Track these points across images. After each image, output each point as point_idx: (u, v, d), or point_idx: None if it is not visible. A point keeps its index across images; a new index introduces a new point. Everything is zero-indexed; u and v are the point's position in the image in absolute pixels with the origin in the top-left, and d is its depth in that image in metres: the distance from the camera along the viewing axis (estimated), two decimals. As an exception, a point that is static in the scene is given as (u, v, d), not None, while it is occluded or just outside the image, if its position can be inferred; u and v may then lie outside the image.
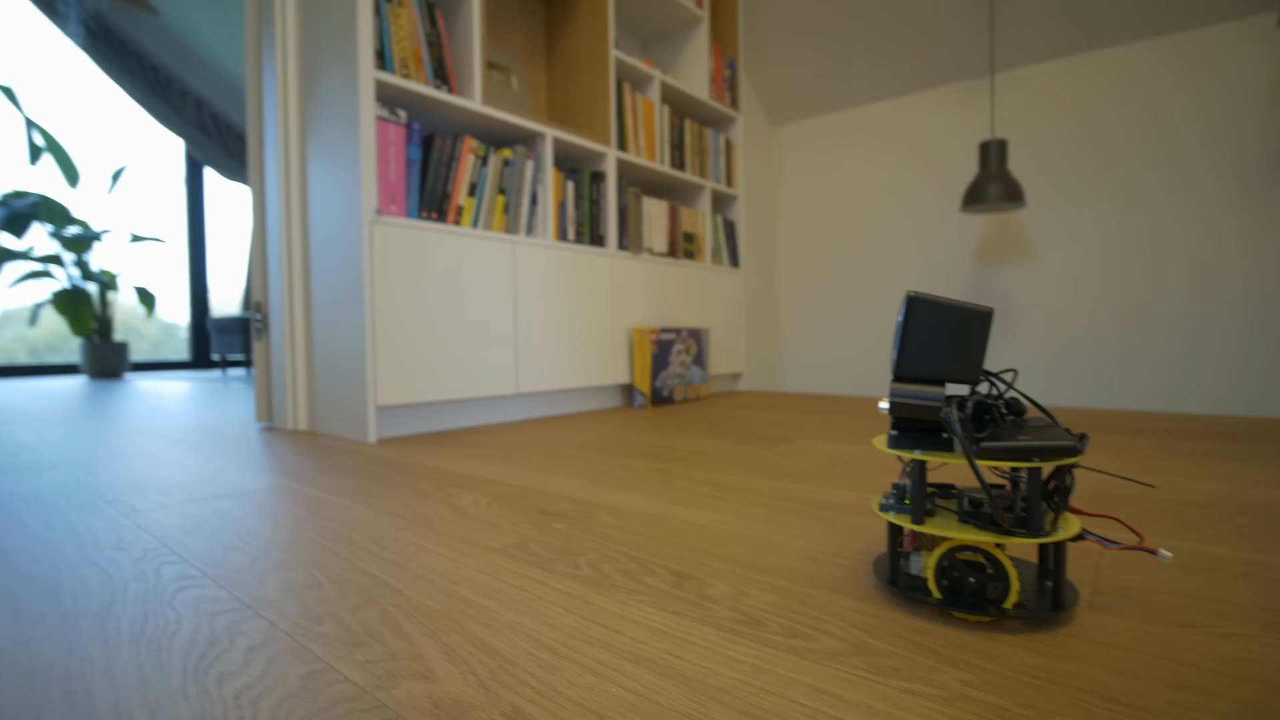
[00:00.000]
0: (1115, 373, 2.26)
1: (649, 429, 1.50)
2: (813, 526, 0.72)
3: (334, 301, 1.43)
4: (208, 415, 1.86)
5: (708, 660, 0.43)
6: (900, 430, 0.52)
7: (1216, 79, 2.06)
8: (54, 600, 0.54)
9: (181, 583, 0.58)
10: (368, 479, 0.99)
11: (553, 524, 0.74)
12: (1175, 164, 2.14)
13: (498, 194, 1.63)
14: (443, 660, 0.43)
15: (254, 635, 0.47)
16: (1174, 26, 2.12)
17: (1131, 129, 2.21)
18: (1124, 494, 0.86)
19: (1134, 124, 2.21)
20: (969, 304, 0.48)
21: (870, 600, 0.52)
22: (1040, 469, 0.46)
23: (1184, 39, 2.11)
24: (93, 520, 0.78)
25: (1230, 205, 2.05)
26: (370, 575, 0.59)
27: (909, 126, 2.68)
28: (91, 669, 0.43)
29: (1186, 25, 2.10)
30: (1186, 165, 2.12)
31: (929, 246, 2.65)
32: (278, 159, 1.52)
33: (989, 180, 2.16)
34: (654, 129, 2.13)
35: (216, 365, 4.87)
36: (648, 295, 2.08)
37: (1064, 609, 0.47)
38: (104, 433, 1.54)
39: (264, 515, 0.79)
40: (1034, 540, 0.46)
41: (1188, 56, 2.10)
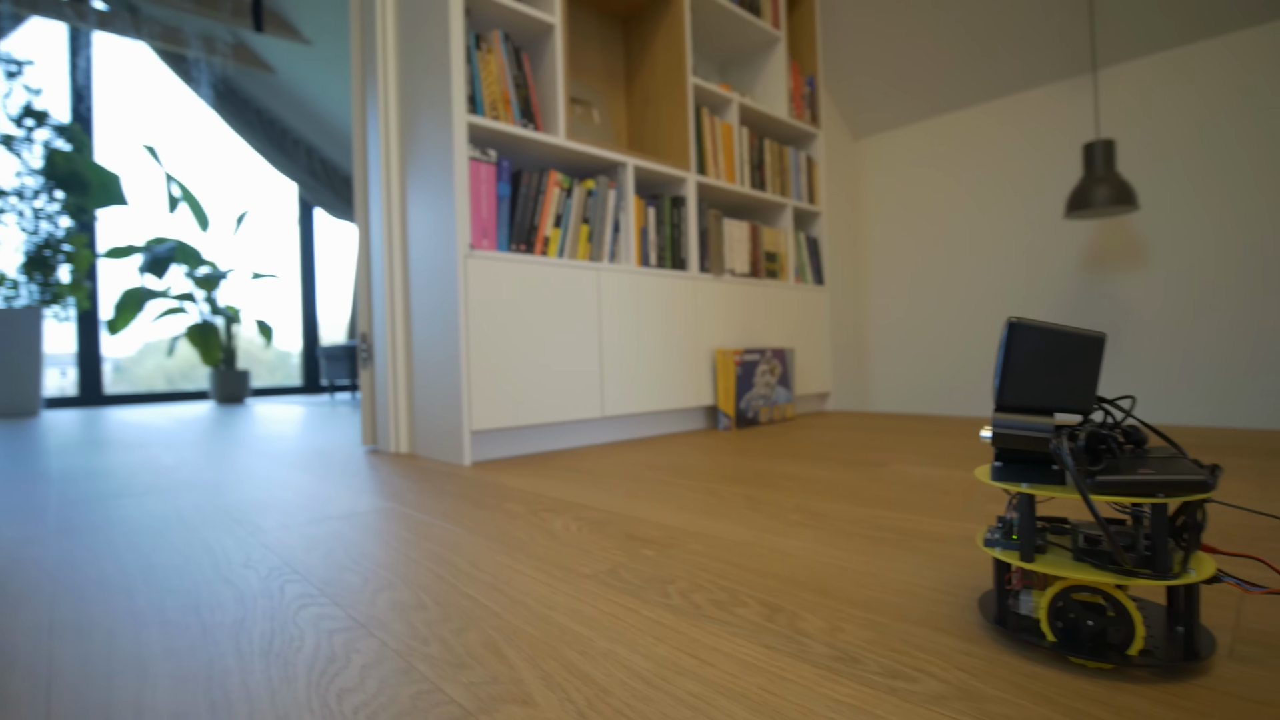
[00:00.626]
0: (1244, 388, 2.05)
1: (734, 452, 1.49)
2: (911, 558, 0.69)
3: (432, 331, 1.51)
4: (319, 438, 2.00)
5: (804, 698, 0.42)
6: (1005, 461, 0.50)
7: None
8: (195, 614, 0.60)
9: (303, 600, 0.62)
10: (464, 501, 1.04)
11: (642, 550, 0.75)
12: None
13: (582, 223, 1.68)
14: (541, 686, 0.44)
15: (368, 653, 0.50)
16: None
17: (1251, 121, 2.02)
18: (1268, 528, 0.78)
19: (1254, 116, 2.02)
20: (1078, 329, 0.46)
21: (975, 640, 0.50)
22: (1165, 504, 0.43)
23: (1320, 21, 1.92)
24: (225, 539, 0.86)
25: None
26: (470, 598, 0.61)
27: (1002, 131, 2.57)
28: (229, 679, 0.47)
29: (1322, 6, 1.91)
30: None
31: (1029, 257, 2.51)
32: (380, 199, 1.63)
33: (1096, 183, 2.03)
34: (733, 151, 2.13)
35: (325, 390, 5.22)
36: (730, 316, 2.08)
37: (1199, 658, 0.43)
38: (231, 455, 1.68)
39: (372, 536, 0.85)
40: (1160, 582, 0.42)
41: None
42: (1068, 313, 2.41)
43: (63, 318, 3.49)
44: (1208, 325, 2.12)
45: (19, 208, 3.32)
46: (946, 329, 2.75)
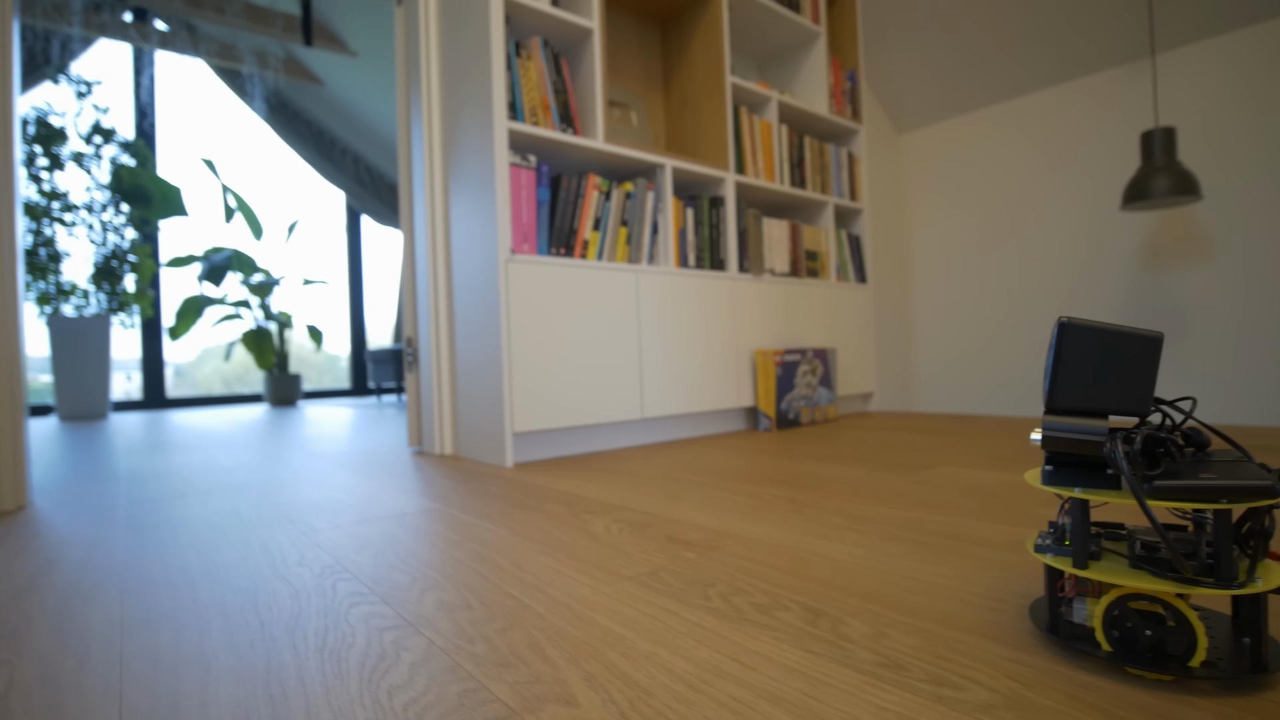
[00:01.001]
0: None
1: (775, 454, 1.48)
2: (959, 563, 0.68)
3: (475, 335, 1.54)
4: (367, 440, 2.05)
5: (847, 705, 0.42)
6: (1056, 465, 0.48)
7: None
8: (254, 610, 0.62)
9: (354, 599, 0.64)
10: (507, 503, 1.05)
11: (682, 553, 0.75)
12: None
13: (620, 226, 1.69)
14: (584, 687, 0.45)
15: (416, 651, 0.52)
16: (1387, -18, 1.82)
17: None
18: (1345, 534, 0.73)
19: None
20: (1133, 329, 0.44)
21: (1026, 649, 0.48)
22: (1229, 510, 0.41)
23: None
24: (280, 537, 0.89)
25: None
26: (514, 598, 0.63)
27: (1053, 121, 2.48)
28: (286, 674, 0.49)
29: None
30: None
31: (1083, 251, 2.43)
32: (425, 205, 1.67)
33: (1155, 173, 1.95)
34: (772, 149, 2.12)
35: (372, 392, 5.36)
36: (770, 316, 2.06)
37: (1267, 671, 0.41)
38: (285, 456, 1.74)
39: (419, 537, 0.87)
40: (1225, 592, 0.41)
41: None
42: (1125, 309, 2.32)
43: (128, 325, 3.67)
44: (1276, 321, 2.01)
45: (89, 221, 3.50)
46: (995, 327, 2.67)
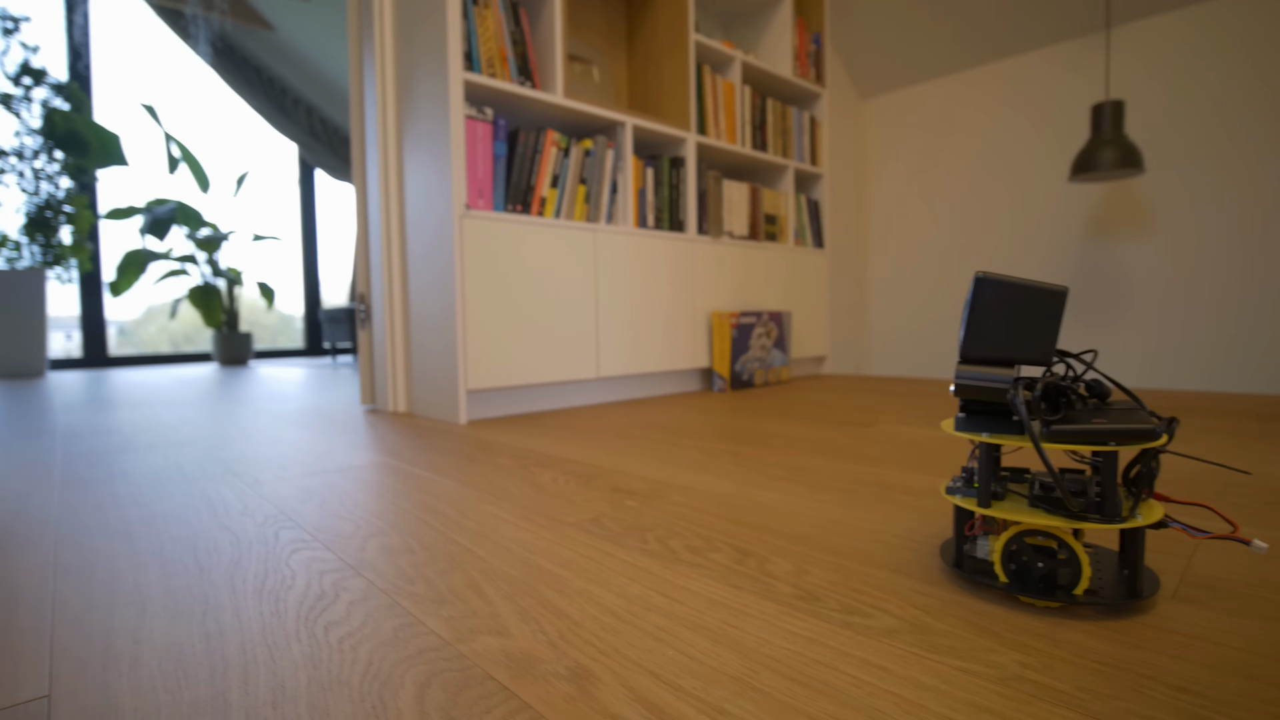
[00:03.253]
0: (1243, 354, 2.05)
1: (726, 412, 1.51)
2: (884, 509, 0.72)
3: (428, 292, 1.52)
4: (319, 398, 2.03)
5: (763, 631, 0.44)
6: (969, 413, 0.51)
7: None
8: (193, 557, 0.62)
9: (296, 545, 0.65)
10: (457, 457, 1.06)
11: (625, 501, 0.78)
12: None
13: (579, 184, 1.67)
14: (517, 620, 0.47)
15: (355, 591, 0.53)
16: (1325, -37, 1.88)
17: (1262, 82, 1.98)
18: (1235, 484, 0.79)
19: (1265, 77, 1.98)
20: (1041, 283, 0.47)
21: (933, 583, 0.52)
22: (1116, 453, 0.45)
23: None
24: (223, 490, 0.89)
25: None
26: (456, 543, 0.64)
27: (1011, 92, 2.52)
28: (223, 614, 0.49)
29: (1341, -39, 1.86)
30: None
31: (1033, 220, 2.49)
32: (377, 159, 1.62)
33: (1102, 146, 2.00)
34: (734, 111, 2.11)
35: (327, 352, 5.26)
36: (728, 279, 2.08)
37: (1140, 597, 0.45)
38: (232, 414, 1.71)
39: (366, 488, 0.87)
40: (1108, 526, 0.44)
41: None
42: (1071, 277, 2.40)
43: (65, 280, 3.50)
44: (1210, 290, 2.11)
45: (19, 168, 3.31)
46: (947, 293, 2.75)
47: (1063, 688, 0.37)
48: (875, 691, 0.37)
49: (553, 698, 0.37)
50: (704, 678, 0.39)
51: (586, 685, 0.38)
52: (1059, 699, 0.36)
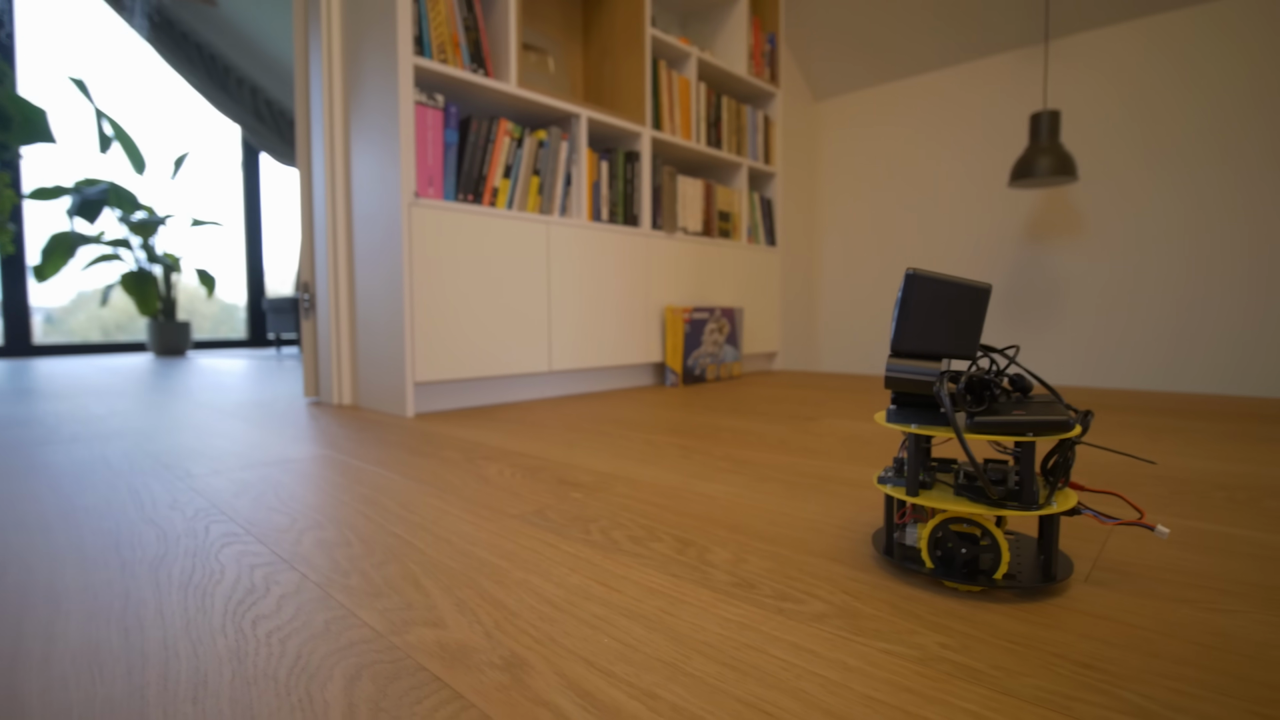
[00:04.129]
0: (1170, 354, 2.17)
1: (677, 406, 1.52)
2: (822, 500, 0.73)
3: (375, 281, 1.48)
4: (261, 390, 1.96)
5: (698, 618, 0.45)
6: (900, 405, 0.53)
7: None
8: (115, 552, 0.60)
9: (227, 539, 0.63)
10: (402, 450, 1.04)
11: (571, 493, 0.78)
12: (1234, 136, 2.03)
13: (533, 175, 1.66)
14: (453, 611, 0.47)
15: (287, 585, 0.52)
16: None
17: (1192, 98, 2.10)
18: (1149, 475, 0.84)
19: (1195, 93, 2.09)
20: (967, 281, 0.49)
21: (865, 569, 0.53)
22: (1034, 444, 0.47)
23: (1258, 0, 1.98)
24: (152, 483, 0.85)
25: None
26: (396, 536, 0.63)
27: (958, 99, 2.60)
28: (145, 610, 0.48)
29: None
30: (1246, 139, 2.00)
31: (975, 223, 2.58)
32: (323, 144, 1.58)
33: (1039, 153, 2.08)
34: (690, 107, 2.12)
35: (272, 344, 5.09)
36: (681, 274, 2.09)
37: (1054, 581, 0.47)
38: (166, 405, 1.64)
39: (305, 481, 0.85)
40: (1025, 513, 0.46)
41: (1261, 19, 1.98)
42: (1010, 278, 2.50)
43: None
44: (1139, 293, 2.23)
45: (-69, 142, 3.09)
46: (895, 292, 2.82)
47: (978, 666, 0.38)
48: (802, 673, 0.38)
49: (485, 687, 0.37)
50: (637, 664, 0.39)
51: (520, 674, 0.38)
52: (974, 677, 0.37)
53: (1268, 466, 0.88)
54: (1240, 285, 2.04)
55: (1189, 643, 0.41)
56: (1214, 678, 0.37)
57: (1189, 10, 2.09)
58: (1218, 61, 2.05)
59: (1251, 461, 0.91)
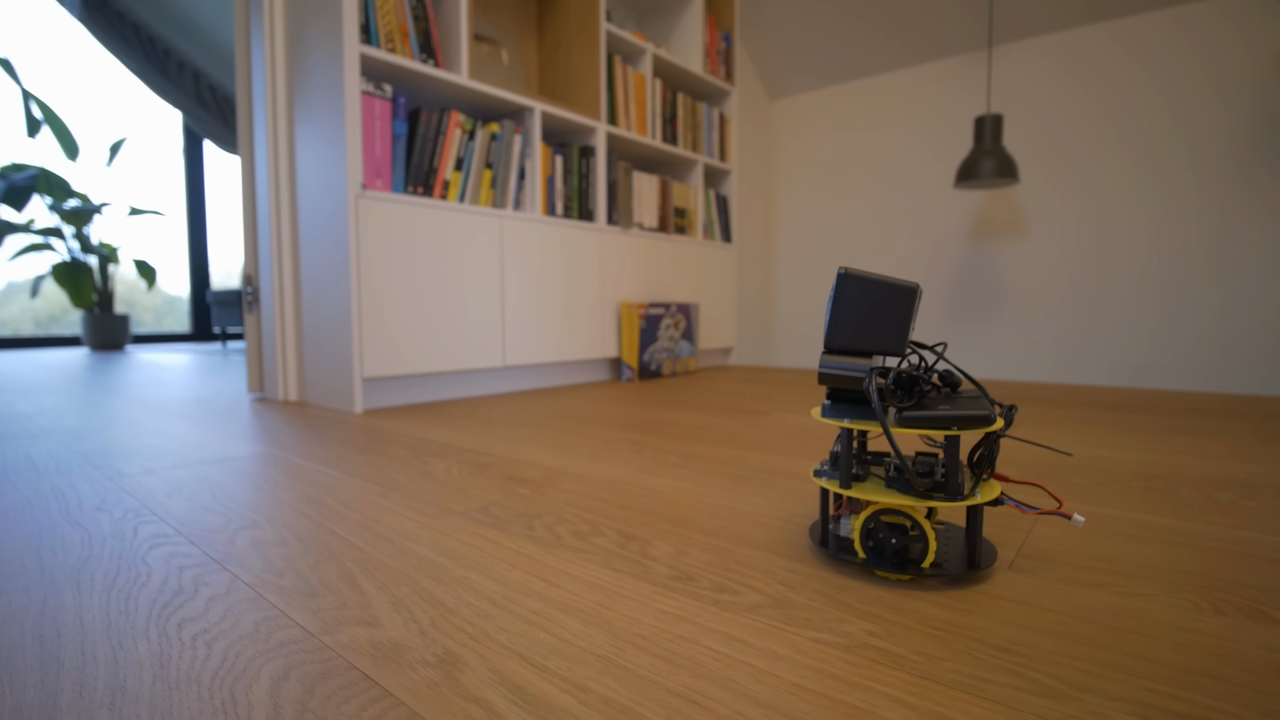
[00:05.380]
0: (1110, 349, 2.27)
1: (631, 401, 1.53)
2: (766, 493, 0.75)
3: (322, 275, 1.45)
4: (203, 387, 1.89)
5: (635, 611, 0.46)
6: (834, 400, 0.54)
7: (1218, 53, 2.04)
8: (34, 555, 0.57)
9: (156, 540, 0.61)
10: (348, 447, 1.02)
11: (517, 489, 0.77)
12: (1167, 140, 2.13)
13: (485, 168, 1.64)
14: (389, 609, 0.46)
15: (217, 586, 0.50)
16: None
17: (1128, 103, 2.20)
18: (1073, 467, 0.88)
19: (1131, 98, 2.19)
20: (896, 280, 0.50)
21: (801, 560, 0.55)
22: (959, 437, 0.49)
23: (1188, 10, 2.08)
24: (79, 484, 0.82)
25: (1218, 183, 2.05)
26: (335, 534, 0.62)
27: (908, 101, 2.66)
28: (63, 615, 0.46)
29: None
30: (1179, 141, 2.11)
31: (924, 223, 2.65)
32: (266, 132, 1.53)
33: (982, 156, 2.15)
34: (645, 103, 2.12)
35: (217, 338, 4.92)
36: (637, 270, 2.10)
37: (979, 569, 0.49)
38: (99, 402, 1.57)
39: (243, 480, 0.83)
40: (950, 504, 0.48)
41: (1190, 29, 2.08)
42: (957, 278, 2.57)
43: (-100, 250, 3.10)
44: (1078, 292, 2.32)
45: None
46: (846, 290, 2.88)
47: (901, 652, 0.40)
48: (732, 663, 0.39)
49: (416, 685, 0.37)
50: (571, 658, 0.39)
51: (452, 671, 0.38)
52: (897, 663, 0.39)
53: (1185, 457, 0.93)
54: (1187, 281, 2.15)
55: (1099, 625, 0.43)
56: (1120, 658, 0.39)
57: (1136, 18, 2.18)
58: (1161, 66, 2.15)
59: (1171, 452, 0.96)
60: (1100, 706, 0.34)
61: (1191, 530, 0.62)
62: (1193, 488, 0.77)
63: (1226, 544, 0.58)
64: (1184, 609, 0.45)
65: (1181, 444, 1.03)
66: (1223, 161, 2.04)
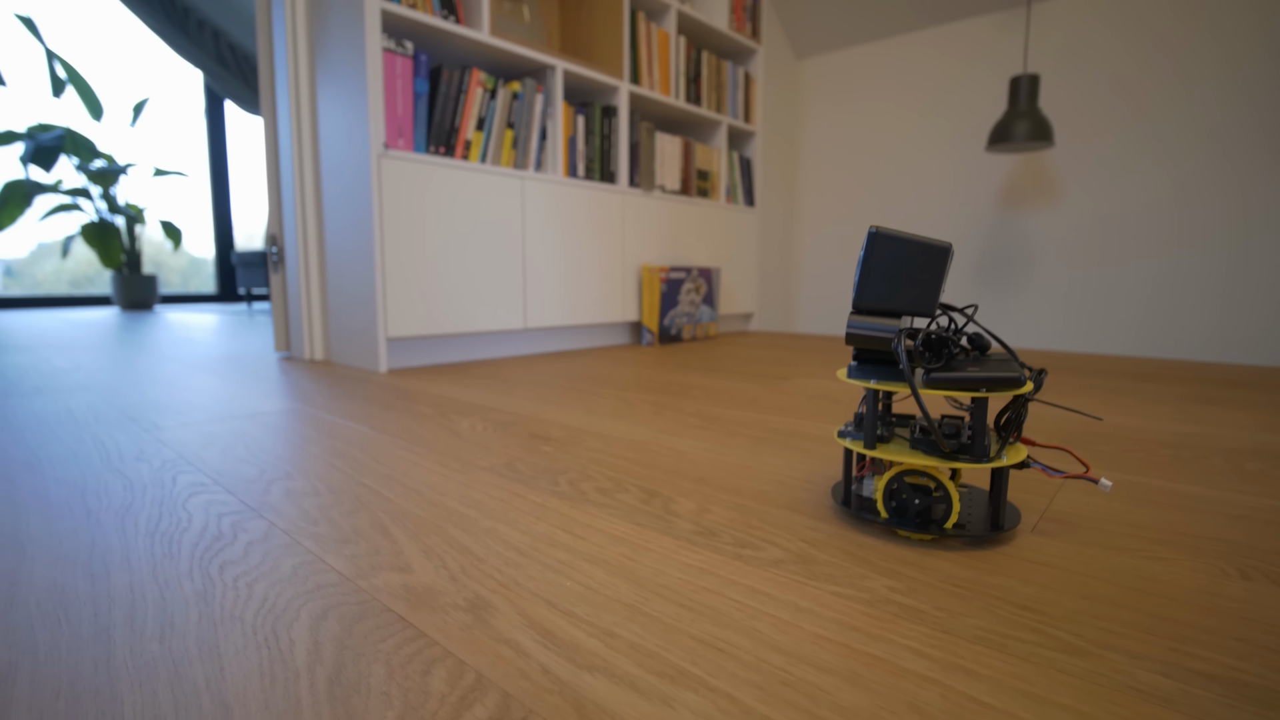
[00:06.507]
0: (1139, 319, 2.23)
1: (651, 365, 1.53)
2: (788, 455, 0.75)
3: (345, 235, 1.46)
4: (230, 345, 1.93)
5: (659, 563, 0.46)
6: (861, 361, 0.54)
7: (1269, 9, 1.94)
8: (80, 501, 0.60)
9: (194, 489, 0.63)
10: (374, 404, 1.04)
11: (541, 447, 0.79)
12: (1212, 103, 2.04)
13: (506, 128, 1.62)
14: (420, 556, 0.47)
15: (255, 532, 0.52)
16: (1226, -49, 1.99)
17: (1172, 65, 2.11)
18: (1100, 435, 0.87)
19: (1175, 59, 2.10)
20: (928, 239, 0.49)
21: (823, 519, 0.55)
22: (986, 399, 0.48)
23: (1235, -35, 1.98)
24: (118, 435, 0.84)
25: (1272, 151, 1.97)
26: (365, 486, 0.63)
27: (941, 60, 2.58)
28: (111, 555, 0.48)
29: (1239, -50, 1.97)
30: (1226, 105, 2.02)
31: (954, 187, 2.59)
32: (288, 91, 1.52)
33: (1017, 118, 2.08)
34: (669, 61, 2.08)
35: (242, 299, 4.98)
36: (658, 233, 2.08)
37: (1001, 530, 0.49)
38: (132, 359, 1.61)
39: (275, 434, 0.85)
40: (976, 465, 0.48)
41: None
42: (985, 244, 2.52)
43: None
44: (1110, 260, 2.27)
45: None
46: (870, 256, 2.83)
47: (923, 608, 0.40)
48: (755, 614, 0.39)
49: (449, 626, 0.38)
50: (597, 605, 0.40)
51: (483, 614, 0.39)
52: (918, 617, 0.39)
53: (1214, 426, 0.92)
54: (1215, 254, 2.09)
55: (1121, 587, 0.43)
56: (1143, 619, 0.39)
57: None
58: (1201, 26, 2.05)
59: (1200, 422, 0.95)
60: (1122, 664, 0.34)
61: (1220, 498, 0.61)
62: (1223, 457, 0.76)
63: (1255, 512, 0.58)
64: (1210, 574, 0.45)
65: (1210, 414, 1.01)
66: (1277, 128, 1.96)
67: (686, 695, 0.32)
